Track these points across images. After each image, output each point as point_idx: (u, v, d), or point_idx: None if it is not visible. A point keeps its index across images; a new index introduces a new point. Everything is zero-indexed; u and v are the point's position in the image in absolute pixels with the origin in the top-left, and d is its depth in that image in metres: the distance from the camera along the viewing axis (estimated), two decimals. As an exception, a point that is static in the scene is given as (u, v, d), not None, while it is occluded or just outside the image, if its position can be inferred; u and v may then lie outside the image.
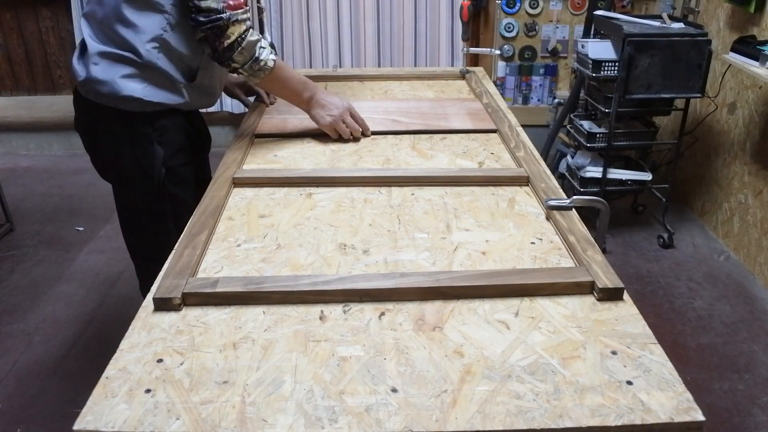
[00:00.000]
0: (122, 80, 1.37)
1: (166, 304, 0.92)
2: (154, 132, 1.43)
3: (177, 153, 1.48)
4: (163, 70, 1.39)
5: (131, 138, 1.42)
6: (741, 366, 2.10)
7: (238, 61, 1.40)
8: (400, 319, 0.90)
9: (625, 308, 0.92)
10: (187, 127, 1.53)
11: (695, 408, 0.73)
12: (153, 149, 1.43)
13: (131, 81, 1.38)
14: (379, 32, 3.73)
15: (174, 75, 1.41)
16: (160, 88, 1.41)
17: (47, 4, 3.83)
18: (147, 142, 1.43)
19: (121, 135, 1.42)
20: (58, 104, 3.95)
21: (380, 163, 1.43)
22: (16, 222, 3.05)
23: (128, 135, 1.42)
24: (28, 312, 2.39)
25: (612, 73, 2.58)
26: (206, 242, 1.09)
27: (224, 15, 1.33)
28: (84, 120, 1.47)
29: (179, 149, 1.49)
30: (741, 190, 2.71)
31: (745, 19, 2.64)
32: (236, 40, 1.37)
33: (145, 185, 1.46)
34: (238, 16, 1.35)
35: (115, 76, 1.37)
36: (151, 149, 1.43)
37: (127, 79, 1.37)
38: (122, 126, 1.41)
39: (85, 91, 1.41)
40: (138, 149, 1.43)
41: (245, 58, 1.41)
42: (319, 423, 0.72)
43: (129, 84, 1.37)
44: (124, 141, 1.42)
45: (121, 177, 1.49)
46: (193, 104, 1.50)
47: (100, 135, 1.45)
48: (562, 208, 1.14)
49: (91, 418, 0.73)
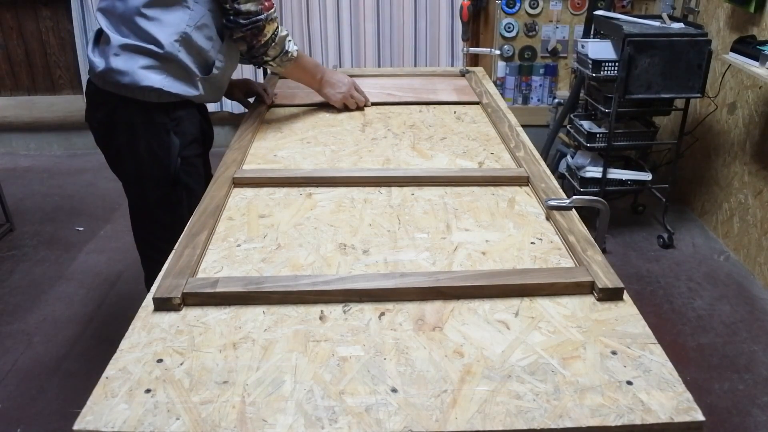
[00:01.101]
0: (142, 71, 1.41)
1: (165, 304, 0.92)
2: (170, 122, 1.47)
3: (191, 144, 1.53)
4: (183, 63, 1.44)
5: (148, 128, 1.45)
6: (741, 366, 2.10)
7: (270, 54, 1.57)
8: (400, 319, 0.90)
9: (625, 308, 0.92)
10: (200, 119, 1.58)
11: (695, 408, 0.73)
12: (170, 139, 1.47)
13: (151, 72, 1.41)
14: (379, 32, 3.73)
15: (192, 68, 1.46)
16: (177, 80, 1.45)
17: (47, 4, 3.82)
18: (164, 132, 1.46)
19: (138, 125, 1.45)
20: (58, 104, 3.95)
21: (380, 163, 1.43)
22: (16, 222, 3.05)
23: (145, 125, 1.45)
24: (28, 312, 2.39)
25: (612, 73, 2.58)
26: (206, 242, 1.09)
27: (262, 16, 1.49)
28: (99, 112, 1.49)
29: (193, 140, 1.54)
30: (741, 190, 2.71)
31: (745, 19, 2.64)
32: (271, 36, 1.53)
33: (160, 176, 1.48)
34: (272, 15, 1.52)
35: (135, 67, 1.40)
36: (168, 139, 1.47)
37: (147, 70, 1.41)
38: (140, 116, 1.44)
39: (102, 83, 1.44)
40: (154, 139, 1.46)
41: (277, 52, 1.58)
42: (319, 423, 0.72)
43: (149, 75, 1.41)
44: (141, 131, 1.45)
45: (137, 169, 1.50)
46: (206, 97, 1.55)
47: (117, 126, 1.47)
48: (562, 208, 1.14)
49: (91, 418, 0.73)
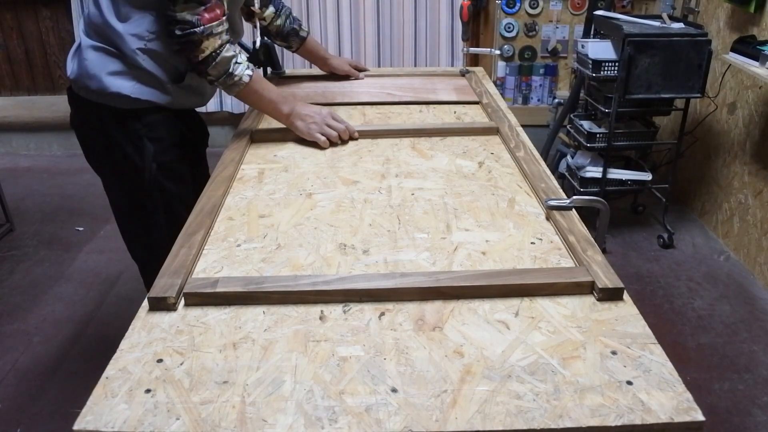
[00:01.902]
0: (109, 77, 1.39)
1: (161, 303, 0.92)
2: (143, 128, 1.44)
3: (169, 149, 1.49)
4: (148, 71, 1.41)
5: (121, 134, 1.44)
6: (741, 366, 2.10)
7: (212, 74, 1.42)
8: (400, 319, 0.90)
9: (625, 308, 0.92)
10: (178, 123, 1.53)
11: (695, 408, 0.73)
12: (143, 145, 1.44)
13: (119, 78, 1.40)
14: (379, 32, 3.73)
15: (160, 76, 1.43)
16: (147, 86, 1.42)
17: (47, 4, 3.83)
18: (137, 138, 1.44)
19: (111, 131, 1.44)
20: (58, 104, 3.95)
21: (380, 163, 1.43)
22: (16, 222, 3.05)
23: (118, 131, 1.44)
24: (28, 312, 2.39)
25: (612, 73, 2.58)
26: (202, 242, 1.09)
27: (198, 29, 1.34)
28: (77, 116, 1.50)
29: (171, 145, 1.50)
30: (741, 190, 2.71)
31: (745, 19, 2.64)
32: (210, 54, 1.38)
33: (136, 181, 1.46)
34: (212, 29, 1.36)
35: (103, 72, 1.39)
36: (141, 145, 1.44)
37: (115, 76, 1.40)
38: (112, 122, 1.43)
39: (76, 88, 1.44)
40: (129, 145, 1.44)
41: (219, 73, 1.42)
42: (319, 423, 0.72)
43: (116, 81, 1.40)
44: (115, 137, 1.44)
45: (114, 173, 1.51)
46: (181, 103, 1.51)
47: (92, 131, 1.47)
48: (562, 208, 1.14)
49: (91, 418, 0.73)
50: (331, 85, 2.02)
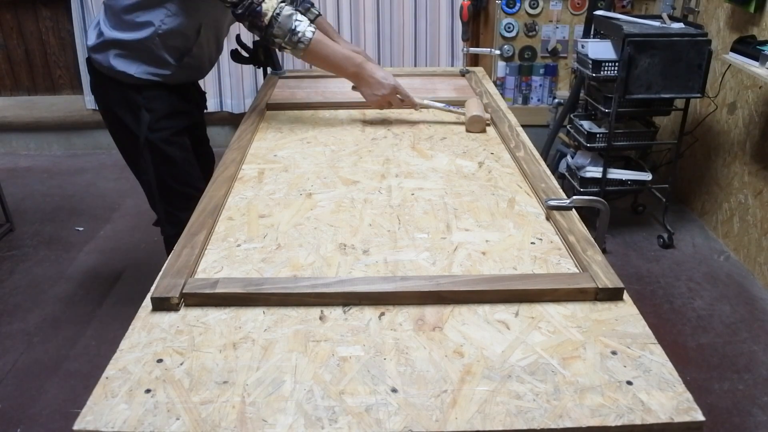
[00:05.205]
0: (117, 59, 1.57)
1: (164, 303, 0.92)
2: (142, 100, 1.61)
3: (164, 117, 1.65)
4: (157, 54, 1.57)
5: (124, 103, 1.62)
6: (741, 366, 2.10)
7: (278, 35, 1.50)
8: (400, 319, 0.90)
9: (625, 308, 0.92)
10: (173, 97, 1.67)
11: (695, 408, 0.73)
12: (140, 114, 1.61)
13: (125, 60, 1.57)
14: (379, 32, 3.73)
15: (166, 57, 1.59)
16: (150, 66, 1.58)
17: (47, 4, 3.82)
18: (136, 108, 1.62)
19: (115, 98, 1.63)
20: (58, 104, 3.95)
21: (380, 163, 1.43)
22: (16, 222, 3.05)
23: (121, 100, 1.62)
24: (28, 312, 2.38)
25: (612, 73, 2.58)
26: (205, 242, 1.09)
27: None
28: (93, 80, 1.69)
29: (167, 114, 1.65)
30: (741, 190, 2.71)
31: (745, 19, 2.64)
32: (273, 16, 1.48)
33: (134, 142, 1.64)
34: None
35: (111, 53, 1.57)
36: (139, 114, 1.61)
37: (122, 58, 1.57)
38: (116, 92, 1.62)
39: (91, 58, 1.63)
40: (129, 113, 1.62)
41: (284, 31, 1.50)
42: (319, 423, 0.72)
43: (123, 63, 1.57)
44: (119, 104, 1.63)
45: (116, 133, 1.71)
46: (181, 79, 1.67)
47: (101, 96, 1.68)
48: (562, 208, 1.14)
49: (91, 418, 0.73)
50: (332, 85, 2.02)
